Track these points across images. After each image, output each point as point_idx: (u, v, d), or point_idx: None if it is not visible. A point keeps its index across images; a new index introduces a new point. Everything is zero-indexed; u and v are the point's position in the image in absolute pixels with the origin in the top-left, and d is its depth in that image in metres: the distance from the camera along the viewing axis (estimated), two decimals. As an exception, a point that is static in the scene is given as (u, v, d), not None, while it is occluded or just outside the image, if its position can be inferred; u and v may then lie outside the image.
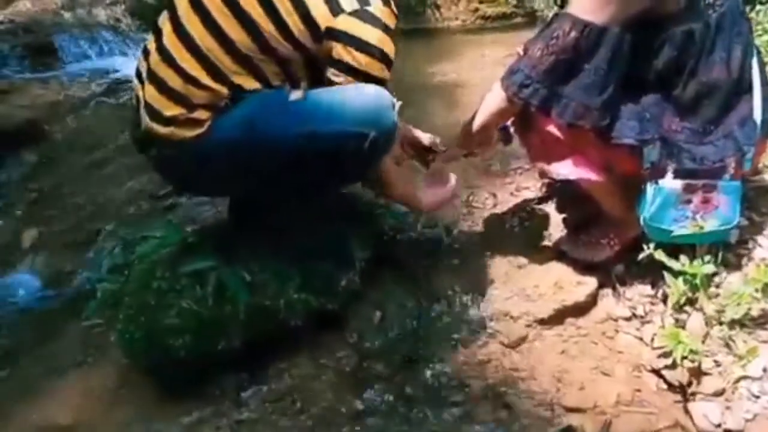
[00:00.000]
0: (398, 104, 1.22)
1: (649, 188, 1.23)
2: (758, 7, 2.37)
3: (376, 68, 1.18)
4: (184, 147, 1.19)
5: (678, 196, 1.22)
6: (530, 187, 1.82)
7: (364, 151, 1.18)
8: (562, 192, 1.69)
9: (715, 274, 1.30)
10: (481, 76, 2.81)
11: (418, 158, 1.58)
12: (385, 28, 1.16)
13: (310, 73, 1.23)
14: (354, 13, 1.14)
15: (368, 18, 1.14)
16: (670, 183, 1.21)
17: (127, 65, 3.10)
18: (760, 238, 1.37)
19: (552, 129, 1.26)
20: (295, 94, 1.19)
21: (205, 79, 1.16)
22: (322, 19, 1.14)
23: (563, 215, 1.63)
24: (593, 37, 1.13)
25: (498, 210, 1.77)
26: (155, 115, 1.19)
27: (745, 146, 1.18)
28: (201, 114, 1.18)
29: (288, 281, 1.37)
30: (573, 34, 1.13)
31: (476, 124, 1.38)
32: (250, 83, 1.18)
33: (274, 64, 1.19)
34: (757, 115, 1.21)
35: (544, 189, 1.78)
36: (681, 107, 1.20)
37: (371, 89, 1.18)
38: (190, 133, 1.18)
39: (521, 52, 1.26)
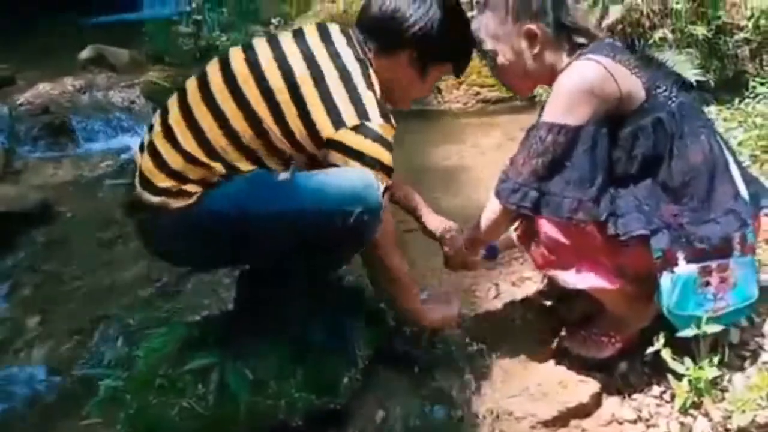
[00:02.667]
0: (383, 186, 1.24)
1: (666, 278, 1.24)
2: (747, 99, 2.49)
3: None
4: (172, 215, 1.22)
5: (696, 280, 1.22)
6: (532, 278, 1.84)
7: (350, 230, 1.21)
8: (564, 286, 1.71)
9: (719, 376, 1.30)
10: (483, 161, 2.90)
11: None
12: (384, 143, 1.22)
13: (309, 167, 1.28)
14: (355, 129, 1.20)
15: (368, 133, 1.20)
16: (686, 269, 1.22)
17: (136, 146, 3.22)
18: (761, 340, 1.37)
19: (555, 235, 1.29)
20: (284, 175, 1.24)
21: (204, 158, 1.21)
22: (324, 130, 1.21)
23: (565, 310, 1.64)
24: (569, 137, 1.21)
25: (500, 301, 1.78)
26: (148, 184, 1.25)
27: (748, 219, 1.22)
28: (192, 188, 1.22)
29: (290, 378, 1.36)
30: (549, 137, 1.22)
31: (480, 236, 1.45)
32: (247, 166, 1.23)
33: (276, 156, 1.25)
34: (743, 190, 1.26)
35: (545, 280, 1.80)
36: (672, 193, 1.24)
37: (356, 171, 1.22)
38: (179, 203, 1.22)
39: (507, 164, 1.34)
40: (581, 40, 1.31)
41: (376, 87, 1.25)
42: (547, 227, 1.28)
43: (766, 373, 1.24)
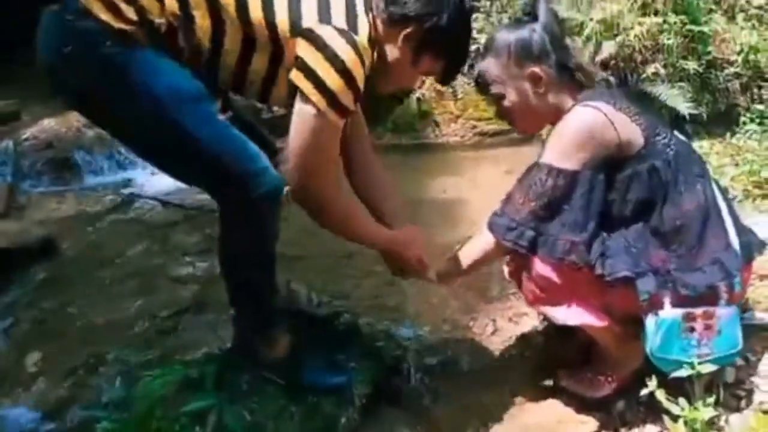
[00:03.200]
0: (286, 190, 1.27)
1: (650, 321, 1.27)
2: (738, 135, 2.53)
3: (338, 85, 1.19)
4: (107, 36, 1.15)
5: (680, 325, 1.25)
6: (529, 314, 1.85)
7: (237, 191, 1.24)
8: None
9: (715, 416, 1.30)
10: (481, 194, 2.93)
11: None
12: (342, 70, 1.19)
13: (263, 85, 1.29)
14: (312, 40, 1.19)
15: (327, 53, 1.18)
16: (670, 313, 1.24)
17: (140, 179, 3.26)
18: (756, 380, 1.38)
19: (547, 273, 1.31)
20: (222, 116, 1.28)
21: None
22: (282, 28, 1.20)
23: (562, 348, 1.65)
24: (567, 181, 1.25)
25: (498, 338, 1.79)
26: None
27: (733, 270, 1.24)
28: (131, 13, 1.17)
29: (288, 419, 1.37)
30: (549, 181, 1.27)
31: (466, 264, 1.47)
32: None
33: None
34: (734, 240, 1.28)
35: (542, 317, 1.81)
36: (663, 238, 1.27)
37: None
38: (118, 23, 1.16)
39: (504, 199, 1.37)
40: (583, 79, 1.36)
41: (363, 30, 1.22)
42: (538, 265, 1.31)
43: (762, 414, 1.24)
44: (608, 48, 3.32)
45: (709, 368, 1.24)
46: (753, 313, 1.53)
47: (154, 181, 3.20)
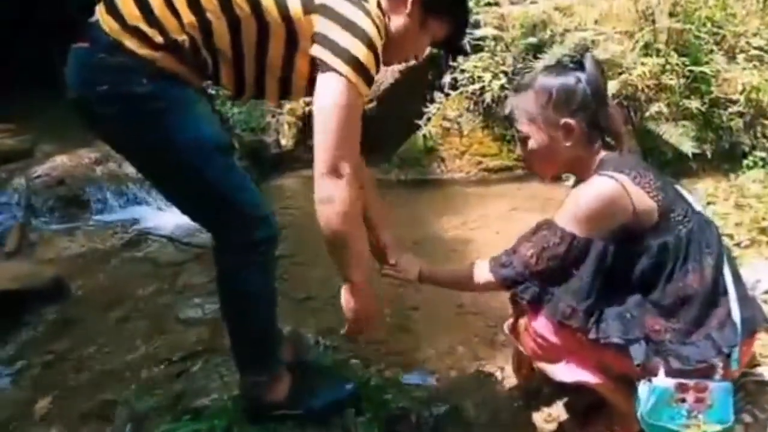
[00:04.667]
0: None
1: (643, 386, 1.27)
2: (742, 175, 2.54)
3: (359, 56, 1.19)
4: (127, 60, 1.17)
5: (672, 394, 1.24)
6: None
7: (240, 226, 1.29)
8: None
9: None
10: (486, 233, 2.95)
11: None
12: (363, 36, 1.20)
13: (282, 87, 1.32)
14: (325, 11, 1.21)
15: (346, 24, 1.20)
16: (663, 381, 1.24)
17: (149, 217, 3.30)
18: (765, 436, 1.38)
19: (546, 333, 1.33)
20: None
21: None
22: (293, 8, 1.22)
23: (570, 399, 1.65)
24: (581, 249, 1.27)
25: (505, 385, 1.79)
26: (117, 16, 1.20)
27: (725, 348, 1.23)
28: (154, 34, 1.19)
29: (296, 473, 1.37)
30: (563, 246, 1.28)
31: (452, 283, 1.58)
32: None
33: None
34: (736, 316, 1.27)
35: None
36: (661, 310, 1.28)
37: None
38: (142, 49, 1.18)
39: (512, 250, 1.39)
40: (612, 142, 1.37)
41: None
42: (538, 324, 1.33)
43: (771, 473, 1.24)
44: (611, 87, 3.37)
45: (710, 424, 1.24)
46: (763, 371, 1.53)
47: (164, 218, 3.24)
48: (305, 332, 2.09)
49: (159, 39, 1.19)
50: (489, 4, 4.26)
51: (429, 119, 3.88)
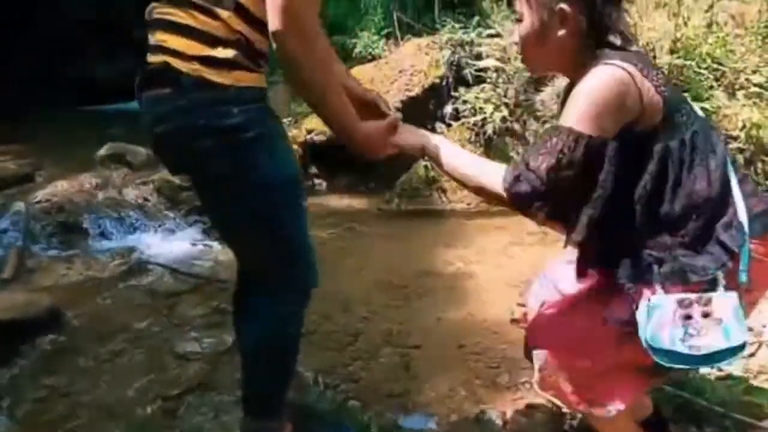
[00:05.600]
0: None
1: (642, 308, 1.17)
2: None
3: None
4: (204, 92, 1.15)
5: (674, 311, 1.15)
6: (540, 407, 1.82)
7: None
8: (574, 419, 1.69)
9: None
10: (486, 269, 2.94)
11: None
12: None
13: None
14: None
15: None
16: (663, 298, 1.15)
17: (148, 245, 3.28)
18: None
19: (580, 362, 1.25)
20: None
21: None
22: None
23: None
24: (596, 152, 1.14)
25: (508, 430, 1.76)
26: (178, 54, 1.17)
27: (734, 248, 1.13)
28: (227, 53, 1.15)
29: None
30: (579, 150, 1.14)
31: (455, 173, 1.30)
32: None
33: None
34: (743, 215, 1.17)
35: (554, 408, 1.79)
36: (671, 223, 1.18)
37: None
38: (218, 77, 1.15)
39: (519, 163, 1.23)
40: (614, 40, 1.23)
41: None
42: (575, 360, 1.26)
43: None
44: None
45: (719, 341, 1.13)
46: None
47: (163, 247, 3.23)
48: (303, 371, 2.06)
49: (225, 53, 1.16)
50: (491, 36, 4.31)
51: (429, 150, 3.89)
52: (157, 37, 1.20)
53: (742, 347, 1.14)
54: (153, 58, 1.20)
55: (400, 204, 3.85)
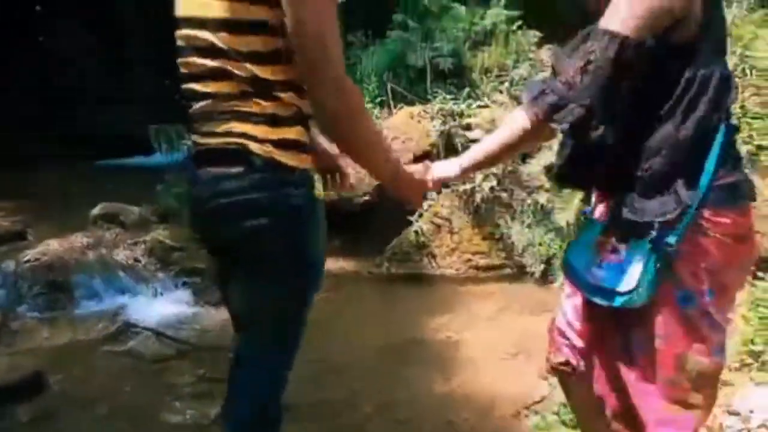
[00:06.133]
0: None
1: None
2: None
3: None
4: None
5: (596, 237, 1.18)
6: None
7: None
8: None
9: None
10: (476, 336, 2.94)
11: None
12: None
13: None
14: None
15: None
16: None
17: (136, 307, 3.26)
18: None
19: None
20: None
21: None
22: None
23: None
24: (631, 52, 1.06)
25: None
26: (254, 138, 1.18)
27: (687, 202, 1.09)
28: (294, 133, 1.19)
29: None
30: (611, 50, 1.06)
31: (497, 152, 1.29)
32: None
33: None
34: (705, 179, 1.11)
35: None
36: (644, 153, 1.12)
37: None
38: (293, 160, 1.18)
39: (551, 74, 1.18)
40: None
41: None
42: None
43: None
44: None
45: (609, 279, 1.14)
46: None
47: (151, 310, 3.21)
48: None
49: (292, 133, 1.20)
50: (481, 107, 4.49)
51: (421, 215, 3.96)
52: (219, 125, 1.21)
53: (629, 296, 1.12)
54: (215, 140, 1.21)
55: (391, 268, 3.87)
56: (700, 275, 1.13)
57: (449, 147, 4.28)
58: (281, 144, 1.19)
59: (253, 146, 1.18)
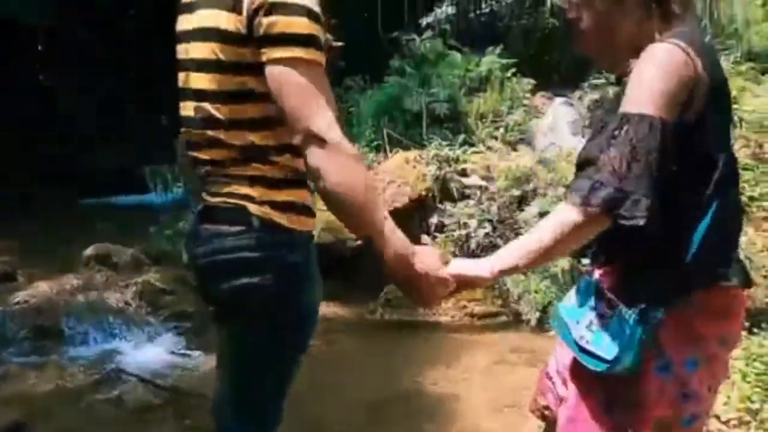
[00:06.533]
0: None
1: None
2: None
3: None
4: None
5: (591, 284, 1.17)
6: None
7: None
8: None
9: None
10: (472, 387, 2.90)
11: None
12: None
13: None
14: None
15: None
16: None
17: (124, 353, 3.20)
18: None
19: None
20: None
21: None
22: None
23: None
24: (669, 133, 1.05)
25: None
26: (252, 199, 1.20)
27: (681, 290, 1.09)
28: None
29: None
30: (654, 134, 1.04)
31: (536, 257, 1.15)
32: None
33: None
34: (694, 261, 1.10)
35: None
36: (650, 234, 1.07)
37: None
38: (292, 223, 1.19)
39: (593, 166, 1.10)
40: (677, 8, 1.16)
41: None
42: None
43: None
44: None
45: (597, 344, 1.12)
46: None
47: (139, 356, 3.16)
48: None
49: (290, 195, 1.22)
50: (476, 152, 4.54)
51: (415, 261, 3.94)
52: (221, 187, 1.23)
53: (612, 364, 1.10)
54: (217, 199, 1.23)
55: (384, 314, 3.83)
56: (680, 347, 1.13)
57: (445, 192, 4.31)
58: (279, 206, 1.21)
59: (252, 207, 1.20)
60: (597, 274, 1.24)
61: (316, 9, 1.11)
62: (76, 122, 7.42)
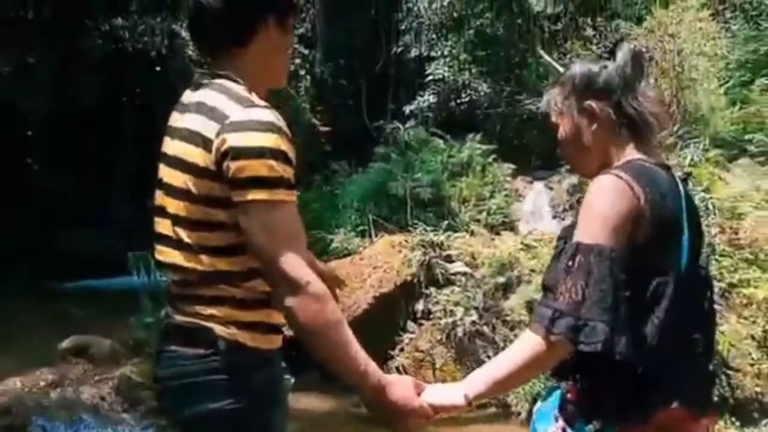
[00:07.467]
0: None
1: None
2: None
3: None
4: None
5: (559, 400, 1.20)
6: None
7: None
8: None
9: None
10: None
11: None
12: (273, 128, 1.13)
13: None
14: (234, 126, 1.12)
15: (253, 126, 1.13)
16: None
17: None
18: None
19: None
20: None
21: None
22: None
23: None
24: (618, 261, 1.10)
25: None
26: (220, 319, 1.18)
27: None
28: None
29: None
30: (606, 261, 1.10)
31: (507, 382, 1.20)
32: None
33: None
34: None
35: None
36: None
37: None
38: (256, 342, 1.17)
39: (552, 294, 1.15)
40: (643, 132, 1.26)
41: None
42: None
43: None
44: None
45: None
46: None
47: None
48: None
49: (257, 316, 1.20)
50: (459, 238, 4.60)
51: (402, 349, 3.89)
52: (187, 306, 1.22)
53: None
54: (182, 318, 1.23)
55: (370, 406, 3.72)
56: None
57: (430, 278, 4.32)
58: (246, 326, 1.20)
59: (218, 329, 1.19)
60: (565, 384, 1.26)
61: (284, 147, 1.14)
62: (56, 201, 7.41)
